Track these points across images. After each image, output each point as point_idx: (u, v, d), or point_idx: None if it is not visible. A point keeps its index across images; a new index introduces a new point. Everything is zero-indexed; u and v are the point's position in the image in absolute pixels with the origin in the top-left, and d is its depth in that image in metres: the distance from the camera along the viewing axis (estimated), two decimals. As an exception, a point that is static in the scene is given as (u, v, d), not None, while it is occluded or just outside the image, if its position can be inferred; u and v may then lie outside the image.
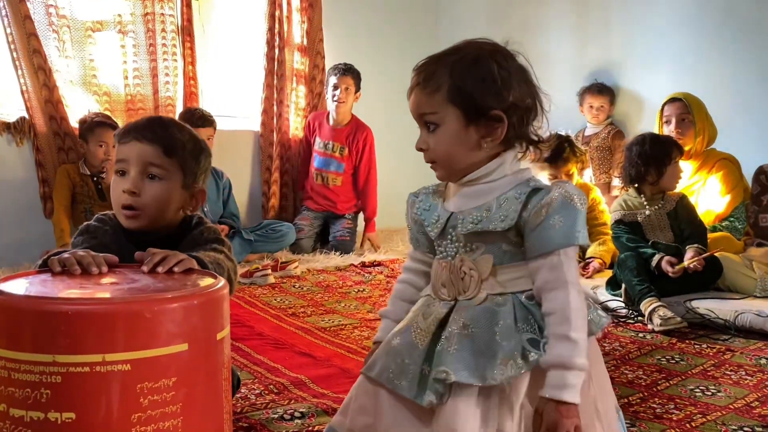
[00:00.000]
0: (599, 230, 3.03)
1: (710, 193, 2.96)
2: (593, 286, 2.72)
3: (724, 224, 2.88)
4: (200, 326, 0.93)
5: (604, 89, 3.88)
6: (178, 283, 1.03)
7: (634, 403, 1.68)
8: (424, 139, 1.12)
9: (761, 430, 1.52)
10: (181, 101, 3.79)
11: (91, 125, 3.21)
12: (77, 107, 3.46)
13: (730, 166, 2.97)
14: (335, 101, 3.85)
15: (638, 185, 2.66)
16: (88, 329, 0.85)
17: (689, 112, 2.97)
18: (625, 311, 2.52)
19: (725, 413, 1.61)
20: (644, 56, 3.81)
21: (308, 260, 3.55)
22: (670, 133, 2.93)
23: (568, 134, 2.99)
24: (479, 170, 1.10)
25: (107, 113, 3.45)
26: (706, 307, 2.37)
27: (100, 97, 3.56)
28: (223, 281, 1.02)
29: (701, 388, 1.78)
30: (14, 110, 3.40)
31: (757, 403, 1.68)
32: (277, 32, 4.06)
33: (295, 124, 4.22)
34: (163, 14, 3.68)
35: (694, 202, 2.83)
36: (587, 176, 3.44)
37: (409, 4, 4.73)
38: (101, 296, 0.97)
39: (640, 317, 2.43)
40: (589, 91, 3.90)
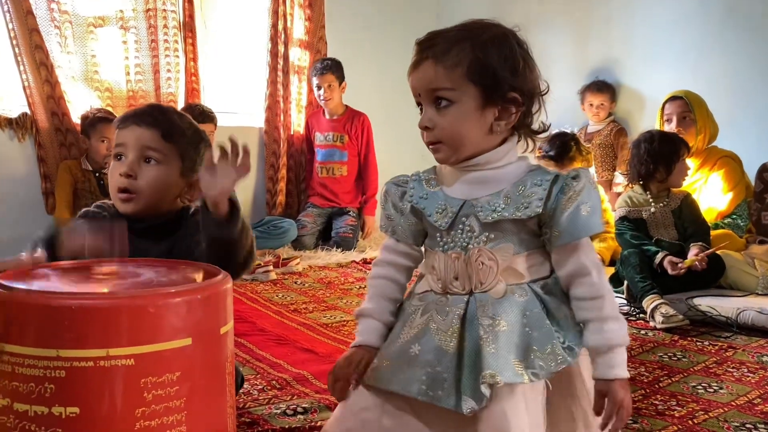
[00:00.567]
0: (601, 227, 3.02)
1: (712, 190, 2.96)
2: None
3: (726, 222, 2.88)
4: (204, 321, 0.93)
5: (604, 87, 3.87)
6: (181, 277, 1.03)
7: (636, 399, 1.68)
8: (430, 117, 1.05)
9: (763, 426, 1.52)
10: (182, 97, 3.79)
11: (93, 121, 3.21)
12: (79, 103, 3.46)
13: (731, 163, 2.97)
14: (322, 100, 3.94)
15: (645, 182, 2.66)
16: (91, 324, 0.85)
17: (690, 110, 2.96)
18: (627, 308, 2.52)
19: (727, 410, 1.61)
20: (646, 53, 3.81)
21: (310, 257, 3.55)
22: (671, 131, 2.93)
23: (573, 132, 2.99)
24: (487, 155, 1.05)
25: (109, 109, 3.45)
26: (708, 304, 2.37)
27: (101, 93, 3.56)
28: (226, 275, 1.01)
29: (703, 385, 1.78)
30: (16, 106, 3.40)
31: (759, 400, 1.68)
32: (281, 28, 4.06)
33: (298, 120, 4.21)
34: (164, 10, 3.68)
35: (696, 199, 2.83)
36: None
37: (410, -1, 4.73)
38: (105, 291, 0.97)
39: (642, 314, 2.43)
40: (589, 89, 3.90)
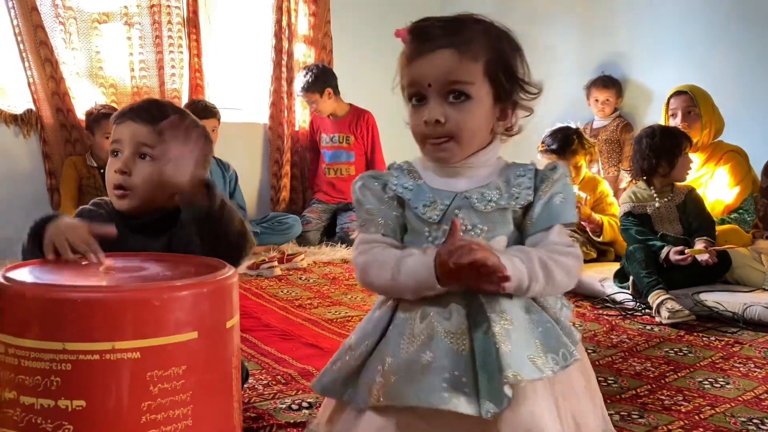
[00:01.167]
0: (606, 223, 3.02)
1: (718, 185, 2.95)
2: (601, 278, 2.71)
3: (732, 216, 2.86)
4: (210, 314, 0.93)
5: (610, 83, 3.85)
6: (187, 271, 1.03)
7: (642, 394, 1.67)
8: (442, 110, 0.99)
9: (771, 422, 1.51)
10: (186, 93, 3.79)
11: (97, 117, 3.21)
12: (84, 99, 3.46)
13: (737, 158, 2.95)
14: (318, 111, 3.98)
15: (648, 177, 2.65)
16: (97, 317, 0.85)
17: (695, 104, 2.95)
18: (632, 304, 2.51)
19: (734, 405, 1.60)
20: (651, 48, 3.79)
21: (314, 252, 3.55)
22: (676, 126, 2.91)
23: (577, 126, 2.98)
24: (480, 153, 1.05)
25: (114, 105, 3.45)
26: (714, 299, 2.36)
27: (106, 89, 3.57)
28: (232, 270, 1.01)
29: (710, 380, 1.77)
30: (21, 102, 3.41)
31: (766, 395, 1.66)
32: (285, 24, 4.06)
33: (303, 116, 4.21)
34: (169, 6, 3.68)
35: (701, 194, 2.82)
36: (594, 170, 3.43)
37: (415, -5, 4.72)
38: (111, 284, 0.97)
39: (647, 310, 2.42)
40: (594, 84, 3.88)
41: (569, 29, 4.18)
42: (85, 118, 3.32)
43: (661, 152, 2.58)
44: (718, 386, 1.73)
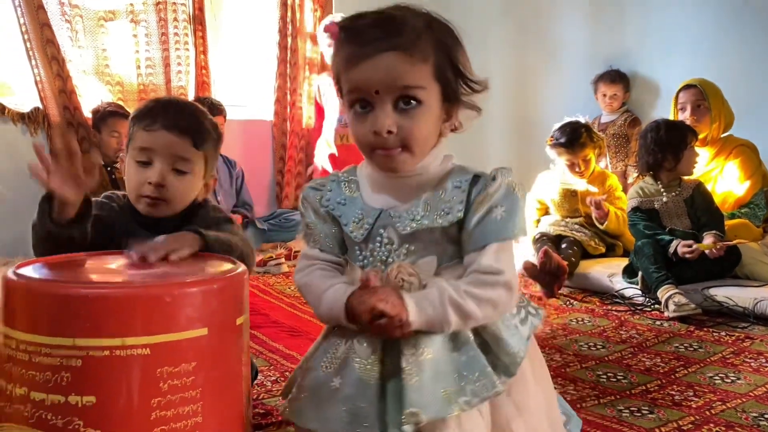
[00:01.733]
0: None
1: (728, 179, 2.92)
2: (610, 273, 2.70)
3: (743, 211, 2.84)
4: (220, 311, 0.93)
5: (617, 78, 3.83)
6: (197, 267, 1.03)
7: (652, 390, 1.67)
8: (393, 119, 0.90)
9: (783, 417, 1.50)
10: (193, 91, 3.80)
11: (104, 115, 3.22)
12: (90, 97, 3.47)
13: (747, 152, 2.93)
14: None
15: (655, 172, 2.63)
16: (107, 313, 0.85)
17: (704, 98, 2.93)
18: (641, 299, 2.50)
19: (745, 400, 1.59)
20: (660, 42, 3.76)
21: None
22: (685, 120, 2.89)
23: (586, 120, 2.97)
24: (425, 160, 0.95)
25: (120, 103, 3.46)
26: (724, 294, 2.35)
27: (112, 86, 3.57)
28: (242, 267, 1.01)
29: (720, 375, 1.76)
30: (28, 100, 3.42)
31: (777, 390, 1.66)
32: (289, 20, 4.05)
33: (308, 113, 4.21)
34: (174, 3, 3.68)
35: (711, 189, 2.80)
36: (603, 165, 3.41)
37: (420, -9, 4.71)
38: (121, 280, 0.97)
39: (657, 305, 2.41)
40: (602, 79, 3.86)
41: (577, 23, 4.16)
42: (91, 116, 3.32)
43: (666, 146, 2.57)
44: (728, 381, 1.72)
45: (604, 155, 3.12)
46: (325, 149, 3.73)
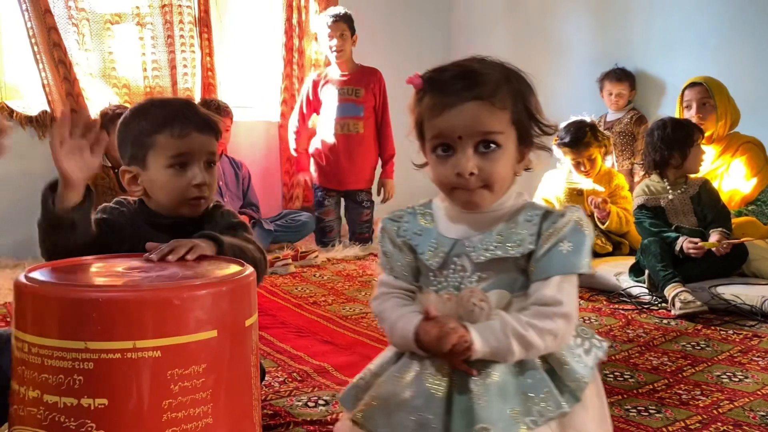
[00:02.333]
0: (621, 216, 2.99)
1: (735, 177, 2.92)
2: (616, 272, 2.70)
3: (750, 208, 2.84)
4: (229, 313, 0.94)
5: (623, 76, 3.81)
6: (206, 270, 1.04)
7: (659, 389, 1.67)
8: (474, 162, 0.99)
9: (790, 415, 1.50)
10: (199, 93, 3.81)
11: (112, 117, 3.23)
12: (97, 100, 3.49)
13: (754, 149, 2.92)
14: (334, 51, 3.61)
15: (661, 170, 2.63)
16: (119, 316, 0.86)
17: (710, 96, 2.92)
18: (648, 297, 2.50)
19: (753, 399, 1.59)
20: (665, 39, 3.75)
21: (327, 250, 3.56)
22: (691, 117, 2.89)
23: (592, 119, 2.96)
24: (503, 197, 1.04)
25: (127, 105, 3.48)
26: (731, 292, 2.34)
27: (119, 89, 3.59)
28: (250, 269, 1.02)
29: (728, 374, 1.76)
30: (36, 104, 3.44)
31: (785, 388, 1.66)
32: (295, 22, 4.06)
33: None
34: (180, 5, 3.70)
35: (717, 186, 2.80)
36: (609, 163, 3.40)
37: (424, -11, 4.71)
38: (131, 283, 0.98)
39: (663, 303, 2.41)
40: (608, 77, 3.83)
41: (582, 21, 4.15)
42: (100, 118, 3.34)
43: (673, 144, 2.57)
44: (736, 380, 1.72)
45: (610, 154, 3.12)
46: (317, 145, 3.71)
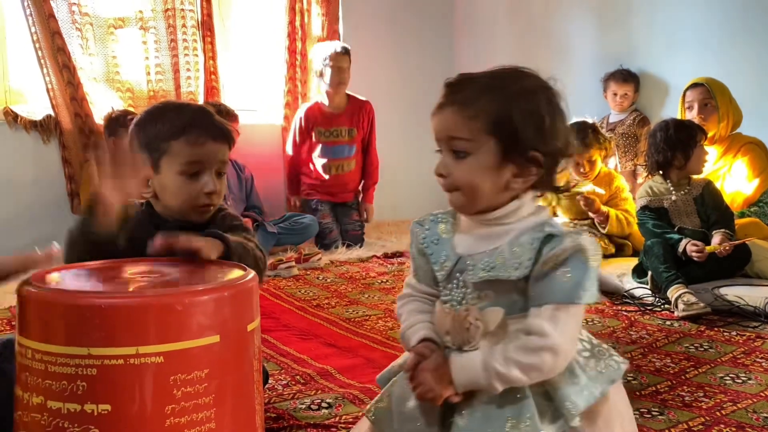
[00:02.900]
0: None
1: (737, 178, 2.92)
2: (619, 273, 2.70)
3: (752, 209, 2.83)
4: (231, 318, 0.94)
5: (629, 77, 3.79)
6: (208, 275, 1.05)
7: (662, 391, 1.67)
8: (446, 164, 1.02)
9: (794, 417, 1.50)
10: (202, 96, 3.82)
11: (124, 122, 3.25)
12: (101, 104, 3.50)
13: (756, 150, 2.92)
14: (339, 85, 3.68)
15: (664, 171, 2.63)
16: (121, 322, 0.86)
17: (711, 97, 2.92)
18: (651, 299, 2.50)
19: (756, 401, 1.59)
20: (668, 40, 3.75)
21: (331, 252, 3.57)
22: (692, 118, 2.89)
23: (593, 121, 2.96)
24: (499, 210, 1.01)
25: (131, 109, 3.49)
26: (734, 294, 2.34)
27: (123, 93, 3.61)
28: (252, 273, 1.03)
29: (731, 375, 1.76)
30: (40, 108, 3.46)
31: (788, 390, 1.65)
32: (298, 25, 4.07)
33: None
34: (183, 9, 3.71)
35: (719, 187, 2.79)
36: (612, 164, 3.40)
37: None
38: (133, 290, 0.99)
39: (667, 305, 2.41)
40: (613, 78, 3.82)
41: (584, 22, 4.15)
42: (104, 122, 3.36)
43: (675, 145, 2.57)
44: (739, 382, 1.72)
45: (611, 155, 3.11)
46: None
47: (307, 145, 3.85)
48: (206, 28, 3.82)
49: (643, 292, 2.54)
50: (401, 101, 4.25)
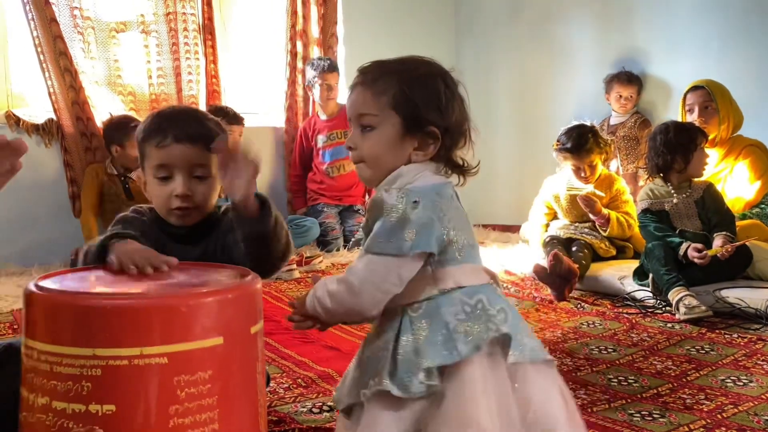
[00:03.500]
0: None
1: (738, 180, 2.92)
2: (620, 276, 2.70)
3: (754, 211, 2.84)
4: (235, 320, 0.95)
5: (633, 79, 3.79)
6: (212, 278, 1.05)
7: (663, 393, 1.67)
8: (354, 139, 1.13)
9: (795, 419, 1.50)
10: (204, 99, 3.83)
11: (128, 128, 3.25)
12: (103, 108, 3.51)
13: (757, 152, 2.93)
14: (328, 100, 3.89)
15: (665, 174, 2.63)
16: (126, 324, 0.87)
17: (712, 99, 2.93)
18: (652, 301, 2.50)
19: (757, 403, 1.59)
20: (669, 43, 3.76)
21: (332, 255, 3.57)
22: (693, 121, 2.90)
23: (593, 124, 2.96)
24: (388, 176, 1.11)
25: (132, 113, 3.51)
26: (736, 296, 2.34)
27: (125, 97, 3.62)
28: (255, 276, 1.03)
29: (732, 378, 1.76)
30: (42, 112, 3.47)
31: (790, 392, 1.66)
32: (299, 28, 4.08)
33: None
34: (184, 13, 3.72)
35: (720, 189, 2.80)
36: (613, 167, 3.40)
37: (428, -6, 4.72)
38: (138, 291, 0.99)
39: (668, 307, 2.41)
40: (617, 79, 3.80)
41: (584, 25, 4.16)
42: (106, 126, 3.36)
43: (676, 148, 2.57)
44: (740, 384, 1.72)
45: (612, 159, 3.11)
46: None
47: (311, 155, 4.02)
48: (207, 31, 3.83)
49: (644, 294, 2.55)
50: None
